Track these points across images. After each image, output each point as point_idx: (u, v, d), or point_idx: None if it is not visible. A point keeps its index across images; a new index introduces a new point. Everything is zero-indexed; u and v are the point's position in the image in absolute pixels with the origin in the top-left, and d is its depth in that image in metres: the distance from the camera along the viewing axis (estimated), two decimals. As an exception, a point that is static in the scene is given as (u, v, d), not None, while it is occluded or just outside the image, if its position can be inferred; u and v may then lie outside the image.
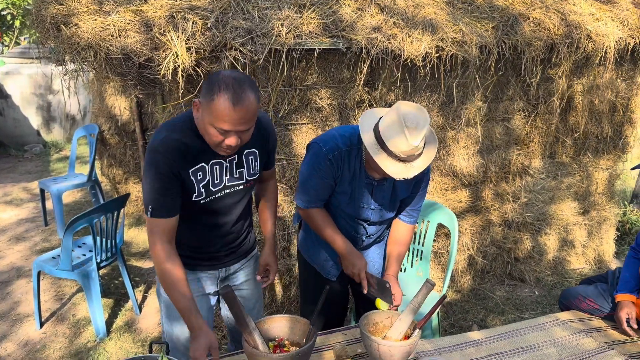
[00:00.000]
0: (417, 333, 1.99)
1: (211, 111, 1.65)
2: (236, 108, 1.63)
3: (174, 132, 1.79)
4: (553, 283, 4.10)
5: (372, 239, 2.40)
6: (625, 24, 3.67)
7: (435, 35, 3.01)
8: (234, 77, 1.66)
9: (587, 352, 2.23)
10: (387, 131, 1.92)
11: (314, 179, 2.16)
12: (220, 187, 1.93)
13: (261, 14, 2.71)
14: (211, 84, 1.66)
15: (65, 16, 2.42)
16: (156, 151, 1.76)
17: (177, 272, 1.82)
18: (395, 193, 2.24)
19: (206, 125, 1.70)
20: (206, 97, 1.66)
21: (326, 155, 2.10)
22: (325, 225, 2.26)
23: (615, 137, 4.23)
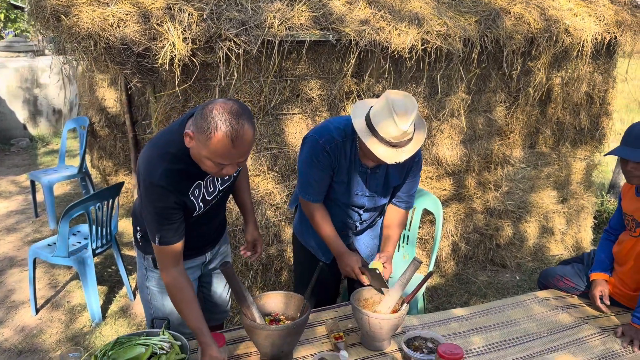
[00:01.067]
0: (405, 307, 2.12)
1: (209, 149, 1.60)
2: (235, 144, 1.59)
3: (172, 162, 1.76)
4: (533, 268, 4.27)
5: (365, 224, 2.50)
6: (601, 19, 3.84)
7: (420, 28, 3.14)
8: (230, 111, 1.58)
9: (563, 326, 2.38)
10: (377, 117, 2.00)
11: (314, 171, 2.23)
12: (215, 194, 2.00)
13: (254, 6, 2.82)
14: (205, 118, 1.58)
15: (65, 7, 2.49)
16: (159, 186, 1.74)
17: (189, 293, 1.87)
18: (387, 180, 2.31)
19: (202, 159, 1.67)
20: (201, 132, 1.59)
21: (323, 147, 2.17)
22: (323, 224, 2.35)
23: (592, 128, 4.41)
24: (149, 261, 2.11)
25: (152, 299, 2.19)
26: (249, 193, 2.39)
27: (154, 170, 1.75)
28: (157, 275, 2.12)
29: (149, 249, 2.08)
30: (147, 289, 2.19)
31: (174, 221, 1.82)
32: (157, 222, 1.80)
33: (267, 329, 1.91)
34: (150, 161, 1.77)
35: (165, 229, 1.80)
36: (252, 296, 2.04)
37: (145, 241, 2.08)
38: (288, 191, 3.31)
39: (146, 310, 2.27)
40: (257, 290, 3.41)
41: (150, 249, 2.07)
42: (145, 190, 1.77)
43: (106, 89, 5.19)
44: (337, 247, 2.35)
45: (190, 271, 2.18)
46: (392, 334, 2.11)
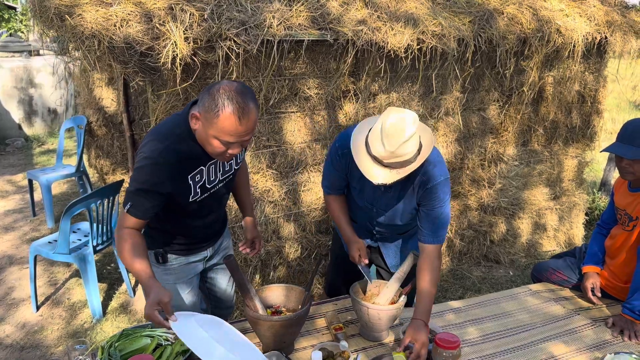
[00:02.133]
0: (403, 299, 2.18)
1: (216, 126, 1.66)
2: (242, 121, 1.65)
3: (175, 142, 1.80)
4: (526, 264, 4.35)
5: (384, 235, 2.48)
6: (592, 19, 3.92)
7: (416, 28, 3.20)
8: (236, 89, 1.65)
9: (556, 317, 2.45)
10: (371, 135, 1.95)
11: (330, 169, 2.34)
12: (215, 183, 2.04)
13: (253, 6, 2.87)
14: (212, 97, 1.65)
15: (69, 7, 2.54)
16: (155, 162, 1.77)
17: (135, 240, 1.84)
18: (401, 202, 2.23)
19: (209, 138, 1.72)
20: (209, 111, 1.66)
21: (337, 150, 2.23)
22: (337, 213, 2.43)
23: (583, 126, 4.49)
24: (152, 256, 2.15)
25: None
26: (249, 190, 2.45)
27: (156, 147, 1.79)
28: (160, 270, 2.17)
29: (151, 244, 2.13)
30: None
31: (150, 200, 1.82)
32: (136, 192, 1.80)
33: (269, 319, 1.96)
34: (153, 140, 1.81)
35: (140, 201, 1.81)
36: (254, 289, 2.10)
37: (148, 236, 2.13)
38: (287, 188, 3.37)
39: None
40: (256, 286, 3.46)
41: (153, 244, 2.12)
42: (139, 163, 1.79)
43: (103, 88, 5.22)
44: (346, 233, 2.41)
45: (193, 265, 2.24)
46: (390, 325, 2.18)
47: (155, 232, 2.10)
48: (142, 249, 1.85)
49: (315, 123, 3.36)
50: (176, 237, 2.13)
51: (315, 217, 3.54)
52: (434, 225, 2.14)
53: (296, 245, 3.50)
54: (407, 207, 2.23)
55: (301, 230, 3.52)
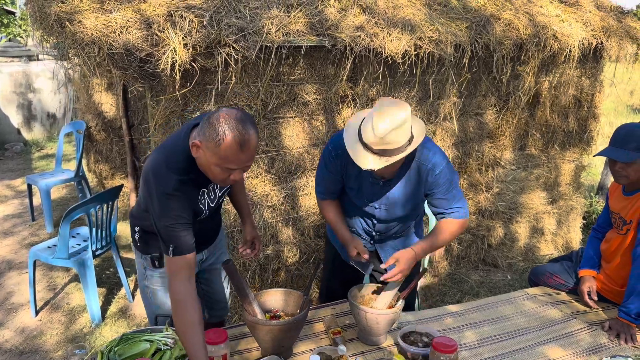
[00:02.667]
0: (400, 303, 2.20)
1: (218, 155, 1.68)
2: (243, 149, 1.67)
3: (182, 174, 1.82)
4: (524, 268, 4.37)
5: (382, 236, 2.49)
6: (588, 25, 3.95)
7: (413, 34, 3.23)
8: (236, 117, 1.67)
9: (553, 321, 2.46)
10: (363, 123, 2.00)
11: (324, 173, 2.34)
12: (216, 201, 2.09)
13: (252, 13, 2.90)
14: (213, 127, 1.66)
15: (69, 14, 2.56)
16: (174, 195, 1.79)
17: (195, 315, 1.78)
18: (403, 196, 2.25)
19: (211, 166, 1.74)
20: (210, 140, 1.67)
21: (331, 152, 2.24)
22: (332, 216, 2.43)
23: (580, 131, 4.52)
24: (148, 260, 2.17)
25: (154, 297, 2.24)
26: (245, 193, 2.48)
27: (167, 181, 1.80)
28: (157, 274, 2.18)
29: (147, 249, 2.15)
30: (147, 288, 2.24)
31: (186, 231, 1.84)
32: (170, 233, 1.81)
33: (268, 324, 1.98)
34: (161, 173, 1.82)
35: (178, 239, 1.82)
36: (253, 293, 2.11)
37: (144, 242, 2.15)
38: (285, 193, 3.38)
39: (147, 309, 2.33)
40: (254, 291, 3.47)
41: (149, 249, 2.14)
42: (159, 201, 1.80)
43: (102, 94, 5.25)
44: (342, 234, 2.40)
45: None
46: (388, 329, 2.19)
47: (151, 238, 2.11)
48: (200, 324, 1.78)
49: (313, 128, 3.38)
50: None
51: (313, 222, 3.55)
52: (451, 205, 2.22)
53: (295, 250, 3.52)
54: (410, 198, 2.25)
55: (300, 235, 3.53)
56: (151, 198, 1.82)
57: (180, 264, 1.82)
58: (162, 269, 2.17)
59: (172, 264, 1.83)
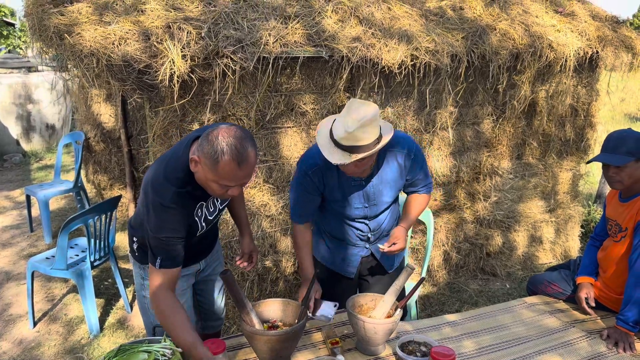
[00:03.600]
0: (399, 312, 2.20)
1: (216, 172, 1.70)
2: (241, 167, 1.69)
3: (180, 186, 1.83)
4: (523, 277, 4.36)
5: (378, 233, 2.52)
6: (583, 34, 3.99)
7: (410, 44, 3.25)
8: (234, 135, 1.68)
9: (551, 329, 2.46)
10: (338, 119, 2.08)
11: (298, 195, 2.36)
12: (215, 214, 2.11)
13: (250, 24, 2.92)
14: (211, 144, 1.67)
15: (68, 26, 2.58)
16: (170, 207, 1.80)
17: (181, 315, 1.83)
18: (387, 184, 2.35)
19: (209, 182, 1.76)
20: (208, 157, 1.68)
21: (306, 172, 2.28)
22: (302, 247, 2.44)
23: (577, 139, 4.54)
24: (146, 271, 2.17)
25: (151, 307, 2.24)
26: (244, 206, 2.49)
27: (165, 193, 1.81)
28: None
29: (145, 259, 2.15)
30: (144, 298, 2.24)
31: (178, 245, 1.87)
32: (161, 245, 1.83)
33: (266, 334, 1.98)
34: (159, 184, 1.83)
35: (168, 252, 1.84)
36: (251, 303, 2.11)
37: (142, 252, 2.15)
38: (283, 202, 3.39)
39: (145, 319, 2.33)
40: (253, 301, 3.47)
41: (145, 259, 2.14)
42: (155, 212, 1.81)
43: (101, 104, 5.27)
44: (305, 268, 2.43)
45: (185, 278, 2.25)
46: (386, 338, 2.19)
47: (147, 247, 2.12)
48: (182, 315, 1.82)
49: (311, 138, 3.39)
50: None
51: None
52: (426, 180, 2.42)
53: (293, 260, 3.52)
54: (393, 185, 2.36)
55: (298, 245, 3.53)
56: (147, 209, 1.84)
57: (164, 277, 1.85)
58: None
59: (155, 276, 1.85)
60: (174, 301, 1.85)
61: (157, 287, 1.85)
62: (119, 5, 2.85)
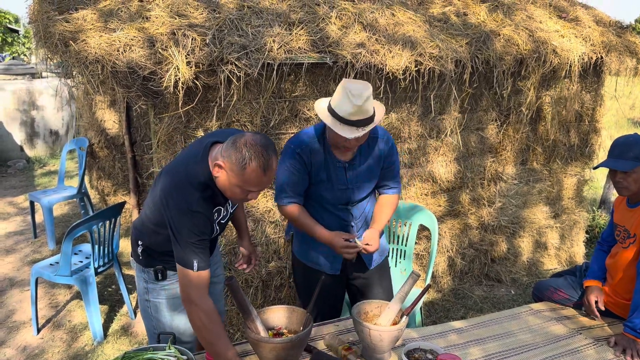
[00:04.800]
0: (405, 319, 2.18)
1: (242, 178, 1.80)
2: (266, 174, 1.81)
3: (203, 191, 1.90)
4: (528, 283, 4.34)
5: (360, 222, 2.56)
6: (587, 40, 3.98)
7: (414, 50, 3.25)
8: (260, 144, 1.80)
9: (558, 336, 2.45)
10: (335, 102, 2.21)
11: (287, 174, 2.39)
12: (227, 217, 2.15)
13: (254, 31, 2.92)
14: (239, 151, 1.78)
15: (73, 33, 2.59)
16: (197, 212, 1.87)
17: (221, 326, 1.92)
18: (368, 169, 2.45)
19: (232, 187, 1.85)
20: (235, 164, 1.79)
21: (294, 150, 2.35)
22: (306, 220, 2.45)
23: (582, 145, 4.53)
24: (150, 274, 2.17)
25: (155, 310, 2.23)
26: (243, 209, 2.52)
27: (190, 197, 1.87)
28: (159, 287, 2.18)
29: (150, 262, 2.15)
30: (147, 302, 2.23)
31: (207, 248, 1.93)
32: (194, 249, 1.87)
33: (271, 342, 1.96)
34: (183, 189, 1.89)
35: (201, 254, 1.89)
36: (256, 310, 2.10)
37: (147, 255, 2.15)
38: (287, 209, 3.38)
39: (147, 324, 2.32)
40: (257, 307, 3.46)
41: (152, 262, 2.14)
42: (184, 217, 1.86)
43: (105, 110, 5.28)
44: (323, 234, 2.42)
45: None
46: (392, 346, 2.17)
47: (155, 252, 2.13)
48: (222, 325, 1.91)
49: (315, 144, 3.39)
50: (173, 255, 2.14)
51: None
52: (395, 177, 2.55)
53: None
54: (374, 169, 2.48)
55: (302, 251, 3.52)
56: (172, 214, 1.88)
57: (204, 279, 1.90)
58: (165, 281, 2.17)
59: (194, 280, 1.89)
60: (214, 309, 1.91)
61: (200, 293, 1.89)
62: (123, 12, 2.86)
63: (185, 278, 1.90)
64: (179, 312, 2.22)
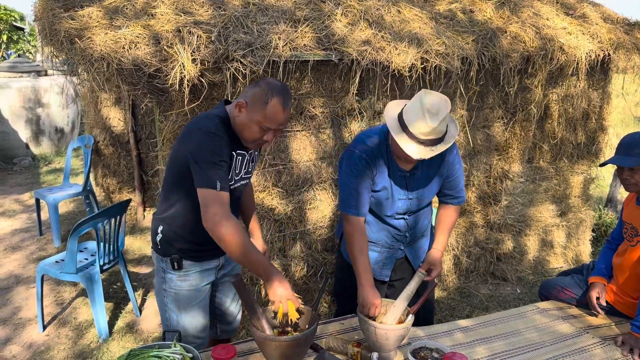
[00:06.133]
0: (410, 318, 2.18)
1: (263, 112, 1.94)
2: (285, 110, 1.97)
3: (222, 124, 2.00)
4: (534, 281, 4.32)
5: (414, 231, 2.52)
6: (595, 37, 3.95)
7: (420, 47, 3.24)
8: (280, 85, 1.98)
9: (565, 335, 2.43)
10: (408, 114, 2.11)
11: (354, 182, 2.29)
12: (237, 178, 2.15)
13: (260, 28, 2.91)
14: (262, 89, 1.95)
15: (78, 30, 2.59)
16: (217, 134, 1.94)
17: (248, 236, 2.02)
18: (429, 179, 2.38)
19: (251, 124, 1.97)
20: (257, 100, 1.95)
21: (360, 156, 2.27)
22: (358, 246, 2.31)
23: (588, 143, 4.50)
24: (167, 263, 2.18)
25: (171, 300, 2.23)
26: (255, 209, 2.51)
27: (210, 123, 1.98)
28: (175, 276, 2.19)
29: (169, 251, 2.16)
30: (164, 292, 2.24)
31: (227, 171, 1.99)
32: (217, 169, 1.92)
33: (277, 340, 1.96)
34: (203, 119, 2.01)
35: (223, 175, 1.94)
36: (261, 309, 2.10)
37: (166, 242, 2.17)
38: (292, 206, 3.38)
39: (162, 314, 2.31)
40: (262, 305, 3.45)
41: (170, 250, 2.16)
42: (206, 139, 1.93)
43: (110, 108, 5.29)
44: (367, 280, 2.27)
45: (206, 274, 2.26)
46: (398, 344, 2.17)
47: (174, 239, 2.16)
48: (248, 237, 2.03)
49: (320, 141, 3.38)
50: (190, 241, 2.16)
51: (321, 235, 3.54)
52: (458, 186, 2.46)
53: (302, 264, 3.50)
54: (435, 180, 2.40)
55: (307, 249, 3.52)
56: (193, 143, 1.94)
57: (226, 198, 1.93)
58: (182, 271, 2.19)
59: (217, 200, 1.90)
60: (241, 224, 2.05)
61: (226, 210, 1.92)
62: (129, 9, 2.85)
63: (208, 198, 1.91)
64: (193, 304, 2.23)
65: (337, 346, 2.21)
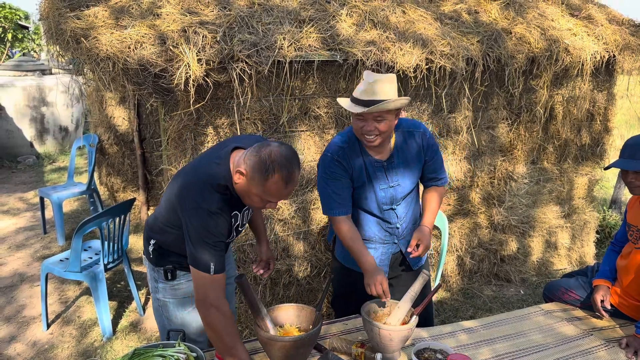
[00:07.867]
0: (414, 319, 2.17)
1: (263, 188, 1.79)
2: (287, 187, 1.81)
3: (223, 193, 1.89)
4: (537, 283, 4.31)
5: (405, 222, 2.54)
6: (600, 38, 3.94)
7: (425, 48, 3.23)
8: (285, 155, 1.78)
9: (569, 337, 2.43)
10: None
11: (331, 184, 2.36)
12: (244, 224, 2.15)
13: (265, 28, 2.92)
14: (263, 161, 1.77)
15: (84, 30, 2.59)
16: (217, 214, 1.85)
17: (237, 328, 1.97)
18: (407, 165, 2.44)
19: (251, 195, 1.85)
20: (257, 173, 1.77)
21: (332, 158, 2.34)
22: (353, 240, 2.38)
23: (593, 144, 4.49)
24: (160, 273, 2.17)
25: (164, 309, 2.24)
26: (261, 214, 2.50)
27: (210, 198, 1.85)
28: (168, 286, 2.18)
29: (161, 262, 2.15)
30: (158, 301, 2.25)
31: (223, 251, 1.92)
32: (212, 250, 1.85)
33: (281, 340, 1.96)
34: (202, 190, 1.87)
35: (218, 257, 1.87)
36: (265, 309, 2.10)
37: (158, 254, 2.15)
38: (296, 206, 3.38)
39: (159, 321, 2.32)
40: (266, 305, 3.46)
41: (163, 262, 2.14)
42: (202, 218, 1.83)
43: (115, 107, 5.30)
44: (366, 261, 2.34)
45: None
46: (402, 345, 2.16)
47: (166, 252, 2.14)
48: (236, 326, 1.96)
49: (324, 142, 3.38)
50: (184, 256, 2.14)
51: (324, 235, 3.54)
52: (438, 170, 2.54)
53: (306, 264, 3.50)
54: (414, 165, 2.47)
55: (311, 249, 3.52)
56: (190, 214, 1.85)
57: (221, 281, 1.89)
58: (174, 281, 2.18)
59: (211, 283, 1.87)
60: (231, 312, 1.92)
61: (218, 295, 1.88)
62: (135, 9, 2.86)
63: (201, 281, 1.87)
64: (188, 311, 2.22)
65: (341, 347, 2.21)
